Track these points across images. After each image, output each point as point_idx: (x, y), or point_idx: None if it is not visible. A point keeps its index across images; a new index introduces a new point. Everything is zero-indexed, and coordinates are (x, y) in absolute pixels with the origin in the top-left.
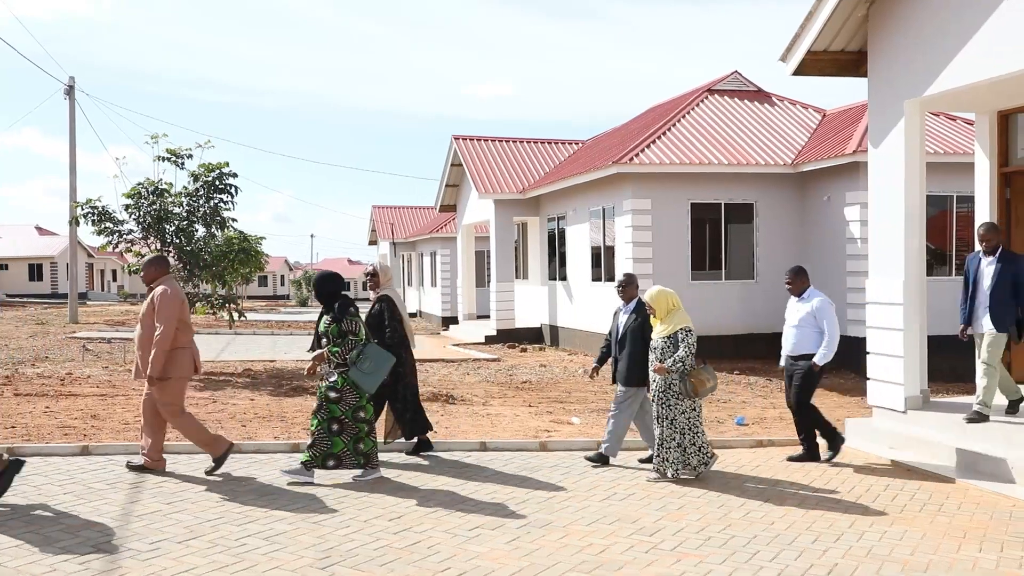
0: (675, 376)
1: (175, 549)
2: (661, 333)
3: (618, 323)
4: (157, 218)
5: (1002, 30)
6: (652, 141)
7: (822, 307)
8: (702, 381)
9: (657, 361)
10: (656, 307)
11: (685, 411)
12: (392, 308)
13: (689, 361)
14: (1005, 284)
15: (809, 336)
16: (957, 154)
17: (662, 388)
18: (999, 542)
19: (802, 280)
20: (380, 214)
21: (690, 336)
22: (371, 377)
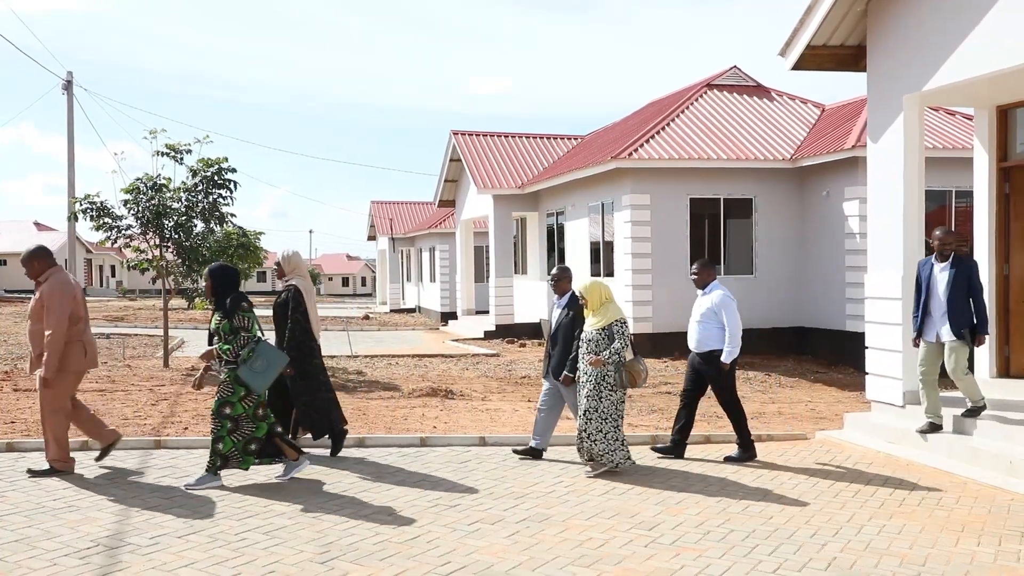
0: (610, 368)
1: (175, 543)
2: (595, 325)
3: (551, 317)
4: (156, 213)
5: (1001, 24)
6: (651, 136)
7: (722, 302)
8: (638, 372)
9: (590, 353)
10: (589, 298)
11: (616, 403)
12: (298, 298)
13: (623, 353)
14: (960, 290)
15: (712, 332)
16: (956, 149)
17: (596, 380)
18: (997, 536)
19: (708, 273)
20: (379, 209)
21: (625, 328)
22: (261, 376)
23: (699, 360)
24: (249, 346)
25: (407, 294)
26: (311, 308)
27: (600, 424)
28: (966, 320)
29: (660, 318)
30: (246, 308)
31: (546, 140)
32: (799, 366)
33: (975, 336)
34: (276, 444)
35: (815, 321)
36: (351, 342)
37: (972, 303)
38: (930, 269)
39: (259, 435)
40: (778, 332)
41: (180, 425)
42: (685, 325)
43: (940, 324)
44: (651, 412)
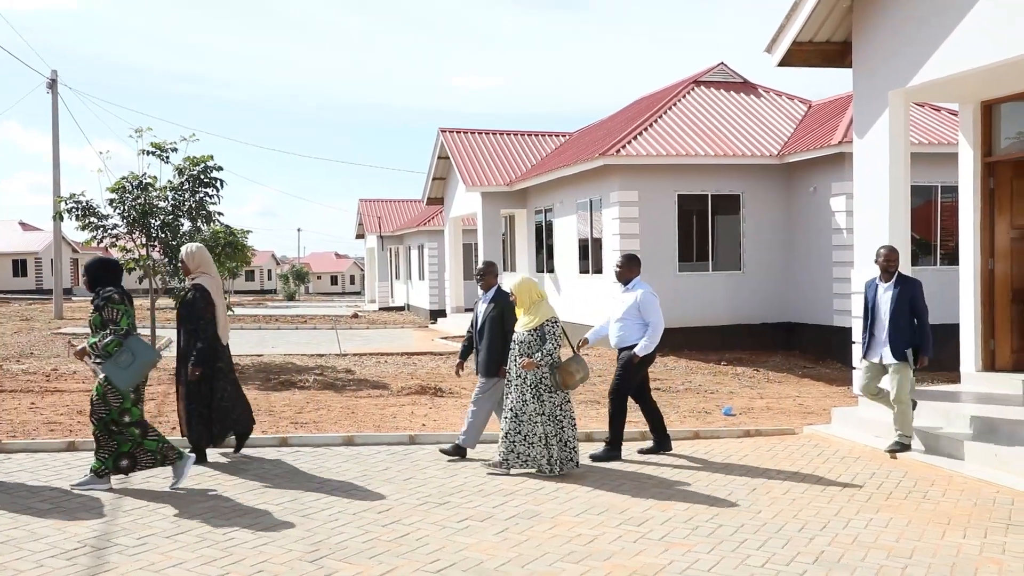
0: (545, 370)
1: (163, 544)
2: (526, 325)
3: (477, 312)
4: (142, 212)
5: (984, 20)
6: (639, 133)
7: (645, 299)
8: (570, 373)
9: (522, 355)
10: (520, 297)
11: (560, 404)
12: (205, 297)
13: (556, 354)
14: (903, 310)
15: (632, 329)
16: (942, 144)
17: (534, 383)
18: (983, 528)
19: (631, 268)
20: (367, 208)
21: (557, 327)
22: (127, 372)
23: (619, 353)
24: (115, 340)
25: (396, 292)
26: (218, 307)
27: (546, 427)
28: (907, 341)
29: None
30: (117, 301)
31: (534, 137)
32: (787, 361)
33: (917, 357)
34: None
35: (803, 316)
36: (340, 341)
37: (915, 323)
38: (875, 289)
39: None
40: (766, 327)
41: (168, 424)
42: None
43: (883, 345)
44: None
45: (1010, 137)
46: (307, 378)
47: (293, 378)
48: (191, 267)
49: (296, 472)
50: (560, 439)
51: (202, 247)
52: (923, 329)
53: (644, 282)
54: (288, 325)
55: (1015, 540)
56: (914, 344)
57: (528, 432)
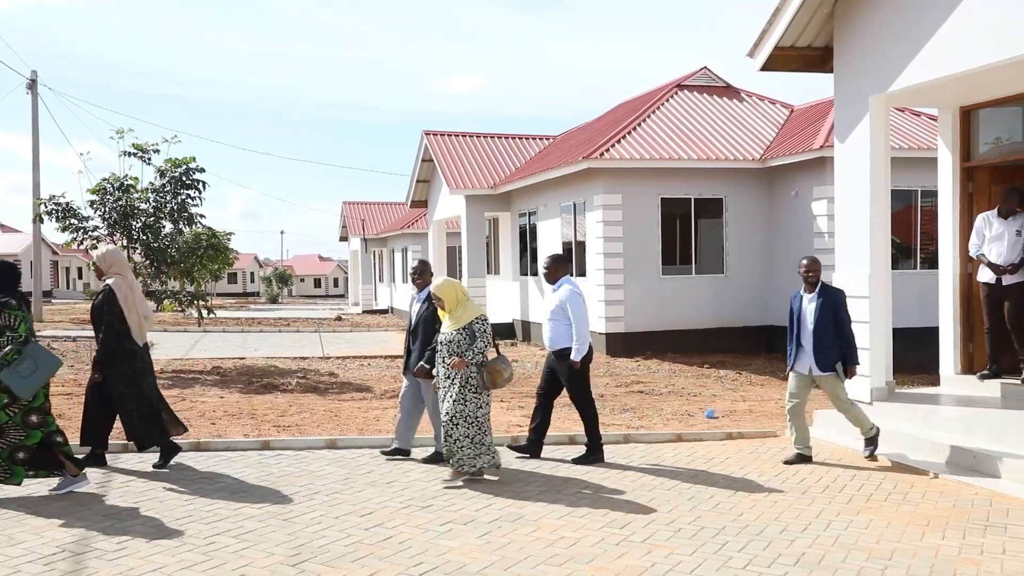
0: (473, 369)
1: (143, 548)
2: (453, 325)
3: (412, 312)
4: (123, 214)
5: (962, 27)
6: (622, 136)
7: (569, 297)
8: (499, 372)
9: (451, 355)
10: (444, 299)
11: (482, 406)
12: (112, 299)
13: (486, 352)
14: (827, 321)
15: (562, 329)
16: (921, 149)
17: (460, 383)
18: (961, 529)
19: (559, 268)
20: (351, 210)
21: (486, 325)
22: (28, 381)
23: (553, 358)
24: (14, 348)
25: (379, 295)
26: (131, 308)
27: (467, 429)
28: (833, 353)
29: (632, 318)
30: (14, 307)
31: (518, 140)
32: (769, 364)
33: (846, 368)
34: (55, 456)
35: (785, 320)
36: (323, 344)
37: (840, 334)
38: (800, 300)
39: (29, 443)
40: (748, 331)
41: None
42: (657, 325)
43: (810, 357)
44: (624, 411)
45: (988, 142)
46: (290, 381)
47: (276, 381)
48: (103, 269)
49: (278, 475)
50: (472, 440)
51: (114, 249)
52: (848, 339)
53: (571, 279)
54: (271, 328)
55: (993, 541)
56: (841, 355)
57: (461, 435)
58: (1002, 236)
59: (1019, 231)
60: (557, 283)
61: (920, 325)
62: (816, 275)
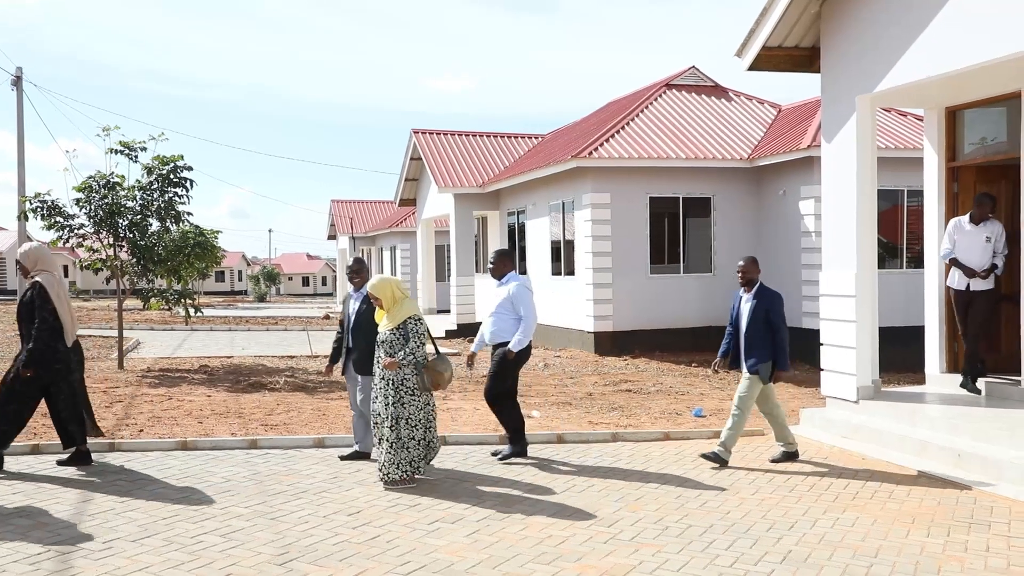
0: (408, 371)
1: (129, 547)
2: (388, 325)
3: (349, 311)
4: (109, 212)
5: (948, 28)
6: (611, 135)
7: (518, 292)
8: (439, 372)
9: (385, 355)
10: (381, 297)
11: (422, 407)
12: (44, 296)
13: (421, 353)
14: (759, 322)
15: (506, 323)
16: (908, 149)
17: (396, 385)
18: (946, 527)
19: (504, 263)
20: (339, 208)
21: (420, 325)
22: None
23: (492, 351)
24: None
25: None
26: (63, 305)
27: (411, 431)
28: (763, 354)
29: (620, 317)
30: None
31: (507, 139)
32: None
33: (774, 372)
34: None
35: None
36: (311, 342)
37: (773, 338)
38: (738, 300)
39: None
40: None
41: (135, 427)
42: (645, 324)
43: (741, 358)
44: (612, 410)
45: (973, 143)
46: (277, 380)
47: (263, 380)
48: (28, 266)
49: (266, 475)
50: (417, 440)
51: (39, 245)
52: (779, 342)
53: (518, 275)
54: (259, 326)
55: (977, 538)
56: (773, 357)
57: (406, 436)
58: (973, 242)
59: (989, 237)
60: (504, 278)
61: (906, 324)
62: (749, 275)
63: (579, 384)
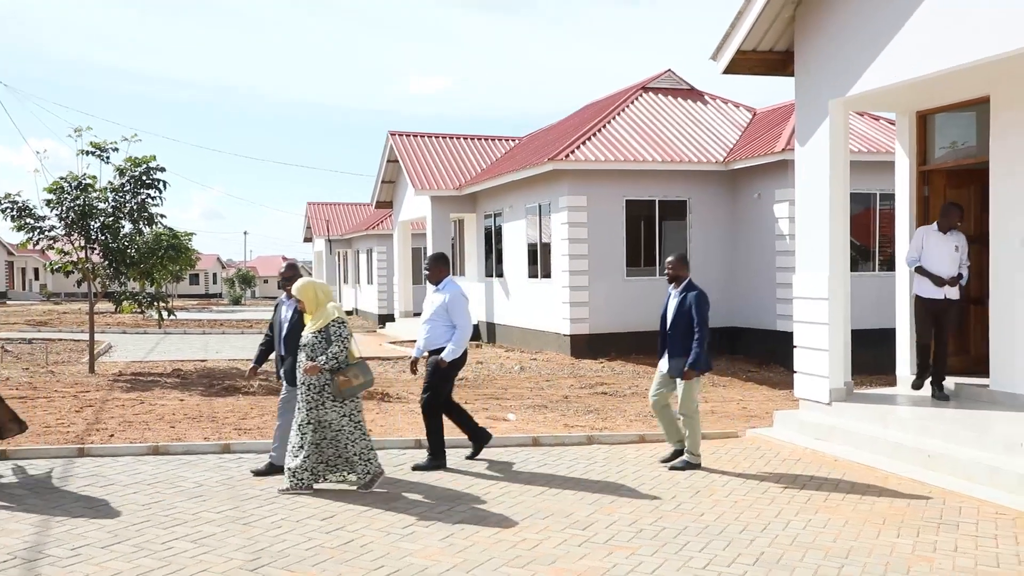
0: (328, 375)
1: (98, 554)
2: (311, 328)
3: (280, 317)
4: (81, 214)
5: (918, 34)
6: (587, 138)
7: (453, 300)
8: (348, 379)
9: (307, 359)
10: (304, 300)
11: (346, 414)
12: None
13: (343, 357)
14: (680, 321)
15: (441, 330)
16: (880, 153)
17: (317, 390)
18: (915, 527)
19: (441, 269)
20: (315, 211)
21: (344, 328)
22: None
23: (427, 358)
24: None
25: (344, 296)
26: None
27: (316, 437)
28: (683, 354)
29: (596, 319)
30: None
31: (484, 141)
32: (732, 366)
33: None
34: None
35: (747, 321)
36: None
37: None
38: (668, 298)
39: None
40: (711, 332)
41: (106, 432)
42: (621, 326)
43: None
44: (587, 412)
45: (944, 147)
46: (251, 384)
47: (237, 383)
48: None
49: (239, 479)
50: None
51: None
52: (698, 342)
53: (455, 281)
54: (233, 330)
55: (946, 538)
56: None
57: (347, 440)
58: (943, 251)
59: (957, 247)
60: (441, 284)
61: (878, 327)
62: (675, 273)
63: (555, 387)
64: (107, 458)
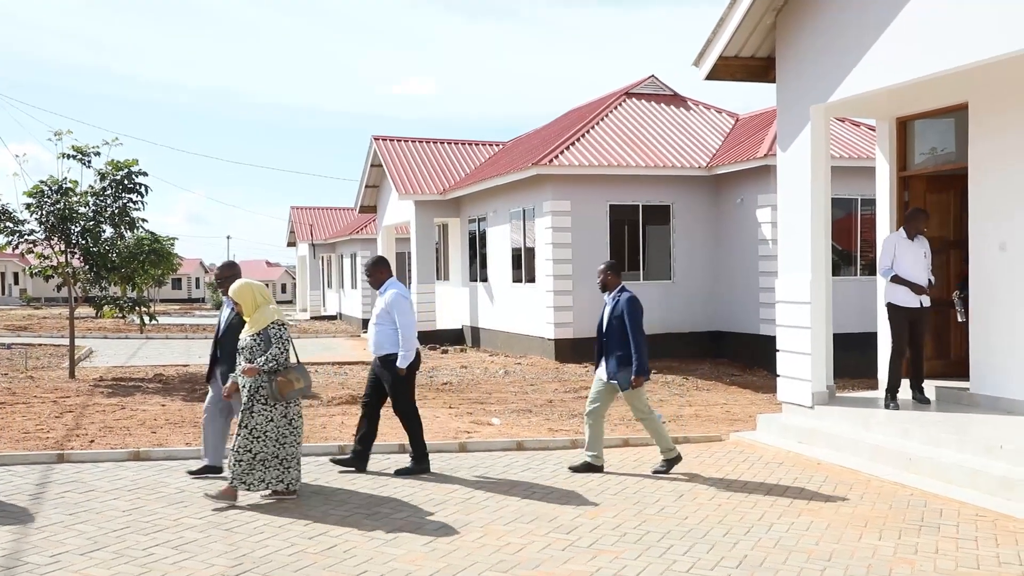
0: (265, 378)
1: (77, 561)
2: (250, 330)
3: (222, 318)
4: (61, 218)
5: (898, 41)
6: (571, 143)
7: (394, 300)
8: (289, 382)
9: (245, 361)
10: (242, 302)
11: (273, 419)
12: None
13: (283, 359)
14: (615, 327)
15: (387, 334)
16: (861, 159)
17: (249, 392)
18: (897, 530)
19: (381, 272)
20: (299, 215)
21: (283, 331)
22: None
23: (378, 365)
24: None
25: (328, 301)
26: None
27: (249, 442)
28: (621, 359)
29: (580, 324)
30: None
31: (468, 146)
32: (715, 369)
33: (633, 377)
34: None
35: (730, 325)
36: None
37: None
38: (604, 304)
39: None
40: (695, 336)
41: (86, 438)
42: None
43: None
44: (572, 417)
45: (924, 153)
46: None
47: None
48: None
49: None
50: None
51: None
52: (635, 348)
53: (397, 282)
54: None
55: (927, 540)
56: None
57: (259, 448)
58: (915, 257)
59: (926, 252)
60: (383, 287)
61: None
62: (603, 280)
63: (539, 391)
64: (87, 464)
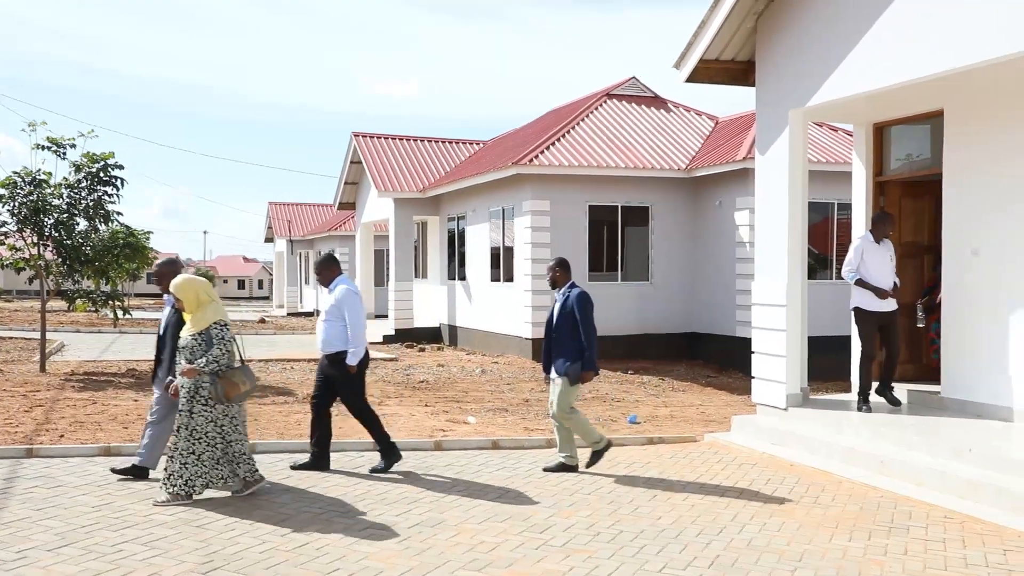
0: (206, 379)
1: (44, 558)
2: (191, 329)
3: (161, 319)
4: (34, 210)
5: (875, 48)
6: (551, 143)
7: (343, 296)
8: (234, 384)
9: (186, 362)
10: (184, 299)
11: (215, 419)
12: None
13: (225, 360)
14: (563, 324)
15: (337, 331)
16: (838, 163)
17: (189, 393)
18: (867, 531)
19: (330, 270)
20: (277, 211)
21: (226, 331)
22: None
23: (326, 362)
24: None
25: (305, 297)
26: None
27: (191, 444)
28: (570, 356)
29: None
30: None
31: (448, 144)
32: (691, 371)
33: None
34: None
35: (707, 327)
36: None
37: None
38: (555, 302)
39: None
40: (672, 337)
41: (56, 432)
42: None
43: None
44: (548, 416)
45: (899, 158)
46: None
47: None
48: None
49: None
50: (198, 457)
51: None
52: (587, 342)
53: (347, 279)
54: None
55: (896, 542)
56: (580, 358)
57: (184, 450)
58: (882, 261)
59: (892, 256)
60: (332, 284)
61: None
62: (554, 275)
63: (516, 390)
64: (57, 459)
